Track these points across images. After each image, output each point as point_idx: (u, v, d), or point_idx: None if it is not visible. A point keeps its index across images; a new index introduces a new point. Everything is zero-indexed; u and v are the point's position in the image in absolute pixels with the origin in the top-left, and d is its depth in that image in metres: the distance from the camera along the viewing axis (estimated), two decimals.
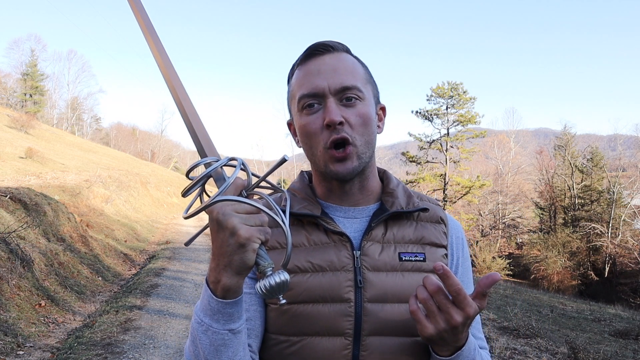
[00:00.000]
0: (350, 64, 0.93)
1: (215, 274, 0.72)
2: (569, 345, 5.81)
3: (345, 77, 0.90)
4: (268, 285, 0.68)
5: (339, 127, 0.87)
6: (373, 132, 0.93)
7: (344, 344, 0.87)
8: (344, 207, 0.97)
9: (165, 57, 0.78)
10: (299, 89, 0.92)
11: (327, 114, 0.87)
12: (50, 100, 57.02)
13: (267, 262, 0.71)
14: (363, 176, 0.96)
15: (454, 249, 0.99)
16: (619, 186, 30.67)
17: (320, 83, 0.89)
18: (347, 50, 0.96)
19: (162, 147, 71.98)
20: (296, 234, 0.94)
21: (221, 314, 0.74)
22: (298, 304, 0.89)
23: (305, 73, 0.92)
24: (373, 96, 0.96)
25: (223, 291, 0.72)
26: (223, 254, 0.70)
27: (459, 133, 31.20)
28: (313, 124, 0.90)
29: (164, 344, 5.26)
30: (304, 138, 0.94)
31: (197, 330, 0.77)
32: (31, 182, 13.72)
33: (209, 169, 0.71)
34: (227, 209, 0.68)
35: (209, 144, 0.75)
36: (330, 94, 0.89)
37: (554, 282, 27.31)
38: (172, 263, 10.73)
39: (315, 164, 0.95)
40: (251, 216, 0.69)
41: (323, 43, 0.93)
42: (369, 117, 0.91)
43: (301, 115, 0.92)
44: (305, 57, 0.94)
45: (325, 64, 0.91)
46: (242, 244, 0.68)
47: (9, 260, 6.34)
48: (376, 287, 0.89)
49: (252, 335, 0.90)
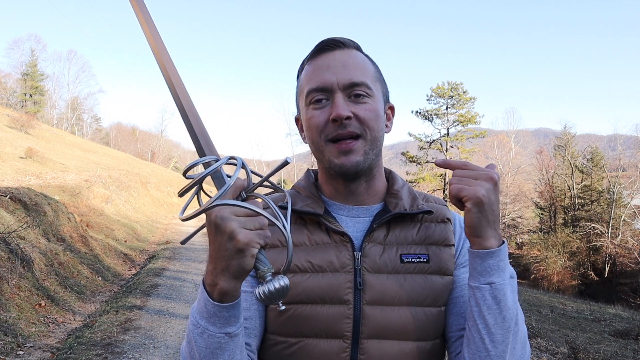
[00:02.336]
0: (361, 61, 0.92)
1: (212, 277, 0.70)
2: (569, 345, 5.81)
3: (355, 73, 0.89)
4: (267, 291, 0.66)
5: (346, 122, 0.86)
6: (381, 129, 0.92)
7: (343, 347, 0.86)
8: (348, 206, 0.96)
9: (165, 54, 0.75)
10: (308, 83, 0.91)
11: (334, 108, 0.87)
12: (50, 100, 57.02)
13: (267, 267, 0.68)
14: (370, 175, 0.95)
15: (462, 246, 0.96)
16: (619, 186, 30.66)
17: (329, 78, 0.88)
18: (357, 48, 0.95)
19: (162, 147, 71.98)
20: (298, 233, 0.93)
21: (218, 317, 0.72)
22: (297, 305, 0.87)
23: (315, 68, 0.91)
24: (382, 94, 0.95)
25: (220, 295, 0.70)
26: (220, 257, 0.67)
27: (459, 133, 31.21)
28: (319, 117, 0.89)
29: (164, 344, 5.25)
30: (309, 132, 0.93)
31: (193, 332, 0.75)
32: (31, 182, 13.72)
33: (207, 170, 0.68)
34: (225, 211, 0.66)
35: (209, 143, 0.73)
36: (339, 89, 0.88)
37: (554, 282, 27.31)
38: (172, 263, 10.73)
39: (320, 160, 0.94)
40: (250, 219, 0.67)
41: (334, 39, 0.92)
42: (377, 114, 0.90)
43: (308, 109, 0.92)
44: (315, 53, 0.93)
45: (335, 60, 0.90)
46: (240, 249, 0.65)
47: (9, 260, 6.34)
48: (376, 290, 0.87)
49: (252, 335, 0.89)
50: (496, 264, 0.74)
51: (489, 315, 0.74)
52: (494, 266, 0.74)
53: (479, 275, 0.75)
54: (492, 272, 0.74)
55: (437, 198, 1.03)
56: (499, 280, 0.74)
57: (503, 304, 0.74)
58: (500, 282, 0.74)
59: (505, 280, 0.75)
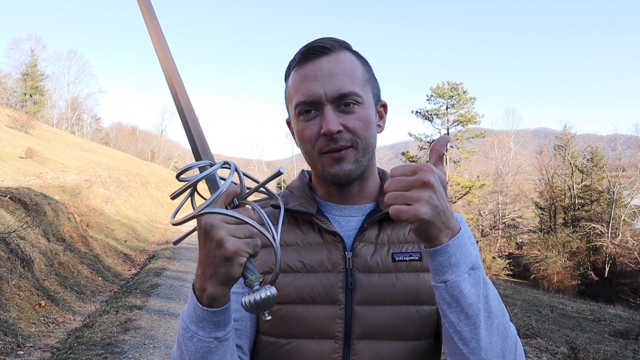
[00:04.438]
0: (348, 66, 0.89)
1: (201, 282, 0.70)
2: (569, 345, 5.82)
3: (343, 82, 0.86)
4: (253, 301, 0.66)
5: (336, 137, 0.86)
6: (373, 135, 0.91)
7: (334, 348, 0.85)
8: (340, 206, 0.96)
9: (170, 60, 0.74)
10: (296, 94, 0.90)
11: (324, 123, 0.85)
12: (50, 100, 56.98)
13: (255, 277, 0.68)
14: (362, 178, 0.95)
15: None
16: (619, 186, 30.68)
17: (317, 90, 0.86)
18: (345, 47, 0.92)
19: (162, 147, 71.94)
20: (290, 233, 0.93)
21: (207, 322, 0.72)
22: (288, 305, 0.87)
23: (302, 78, 0.89)
24: (373, 96, 0.93)
25: (209, 300, 0.70)
26: (209, 264, 0.68)
27: (459, 133, 31.20)
28: (309, 130, 0.88)
29: (164, 344, 5.26)
30: (301, 143, 0.92)
31: (183, 336, 0.75)
32: (31, 182, 13.72)
33: (200, 175, 0.67)
34: (215, 219, 0.66)
35: (205, 147, 0.72)
36: (327, 101, 0.86)
37: (554, 282, 27.33)
38: (172, 263, 10.74)
39: (314, 168, 0.94)
40: (240, 227, 0.67)
41: (319, 44, 0.89)
42: (368, 121, 0.89)
43: (298, 121, 0.91)
44: (301, 60, 0.90)
45: (321, 69, 0.87)
46: (228, 257, 0.65)
47: (9, 260, 6.34)
48: (367, 290, 0.87)
49: (243, 337, 0.88)
50: (447, 260, 0.69)
51: (451, 313, 0.71)
52: (445, 263, 0.70)
53: (434, 274, 0.72)
54: (445, 270, 0.70)
55: None
56: (453, 278, 0.69)
57: (463, 300, 0.70)
58: (455, 279, 0.69)
59: (460, 276, 0.70)
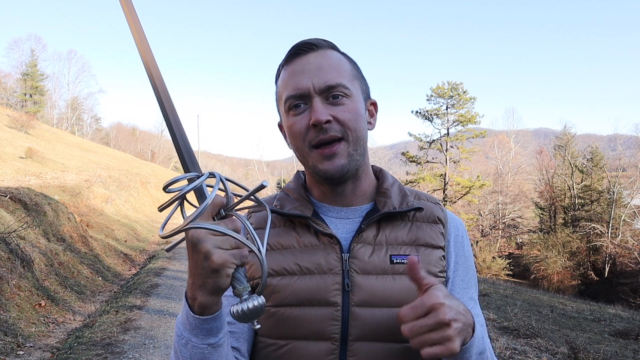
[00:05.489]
0: (336, 61, 0.91)
1: (192, 291, 0.71)
2: (569, 345, 5.81)
3: (330, 75, 0.88)
4: (241, 311, 0.67)
5: (326, 127, 0.86)
6: (363, 128, 0.91)
7: (331, 349, 0.86)
8: (336, 208, 0.95)
9: (157, 72, 0.70)
10: (285, 89, 0.91)
11: (313, 113, 0.86)
12: (50, 100, 56.92)
13: (243, 286, 0.69)
14: (356, 176, 0.94)
15: (452, 248, 0.95)
16: (619, 186, 30.68)
17: (305, 83, 0.87)
18: (332, 47, 0.93)
19: (162, 147, 71.86)
20: (286, 236, 0.93)
21: (199, 329, 0.73)
22: (285, 307, 0.88)
23: (290, 73, 0.90)
24: (362, 92, 0.94)
25: (200, 308, 0.71)
26: (197, 274, 0.68)
27: (459, 133, 31.20)
28: (299, 124, 0.88)
29: (164, 344, 5.26)
30: (292, 139, 0.92)
31: (177, 343, 0.76)
32: (31, 182, 13.72)
33: (187, 187, 0.68)
34: (201, 231, 0.66)
35: (192, 159, 0.72)
36: (316, 93, 0.87)
37: (554, 282, 27.33)
38: (172, 263, 10.74)
39: (305, 166, 0.94)
40: (226, 239, 0.67)
41: (307, 42, 0.91)
42: (357, 114, 0.89)
43: (288, 116, 0.91)
44: (289, 57, 0.92)
45: (309, 63, 0.89)
46: (215, 269, 0.66)
47: (9, 260, 6.34)
48: (365, 291, 0.87)
49: (241, 339, 0.89)
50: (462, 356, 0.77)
51: None
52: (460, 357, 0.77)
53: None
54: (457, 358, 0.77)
55: (430, 196, 1.01)
56: None
57: None
58: None
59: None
